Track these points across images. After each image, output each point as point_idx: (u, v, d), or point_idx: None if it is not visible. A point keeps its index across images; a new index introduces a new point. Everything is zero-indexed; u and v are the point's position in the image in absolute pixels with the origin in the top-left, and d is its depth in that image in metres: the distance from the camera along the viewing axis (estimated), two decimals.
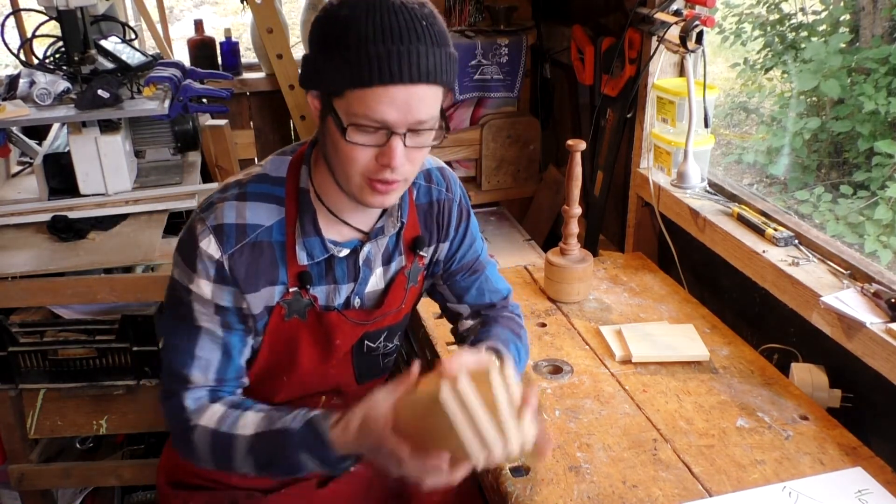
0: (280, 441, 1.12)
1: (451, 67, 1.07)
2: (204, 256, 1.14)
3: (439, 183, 1.32)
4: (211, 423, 1.17)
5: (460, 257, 1.37)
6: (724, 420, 1.36)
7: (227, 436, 1.15)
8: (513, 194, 2.76)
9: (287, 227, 1.17)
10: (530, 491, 1.20)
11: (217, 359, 1.20)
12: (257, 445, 1.14)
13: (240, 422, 1.16)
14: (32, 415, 1.99)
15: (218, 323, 1.18)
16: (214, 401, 1.20)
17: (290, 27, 2.96)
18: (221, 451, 1.16)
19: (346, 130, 1.04)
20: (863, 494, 1.19)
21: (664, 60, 1.93)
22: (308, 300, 1.21)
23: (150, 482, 2.12)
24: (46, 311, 1.95)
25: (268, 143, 2.96)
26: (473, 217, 1.39)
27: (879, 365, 1.32)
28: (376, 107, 1.01)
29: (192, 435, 1.17)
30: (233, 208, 1.15)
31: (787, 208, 2.00)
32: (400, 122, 1.03)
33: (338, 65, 1.02)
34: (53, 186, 2.04)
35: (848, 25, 3.35)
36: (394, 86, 1.01)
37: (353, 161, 1.07)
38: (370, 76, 1.00)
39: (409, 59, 1.00)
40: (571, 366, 1.52)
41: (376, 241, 1.24)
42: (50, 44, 2.13)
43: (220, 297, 1.16)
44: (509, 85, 2.58)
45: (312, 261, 1.19)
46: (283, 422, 1.13)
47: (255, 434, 1.14)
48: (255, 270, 1.16)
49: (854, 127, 3.11)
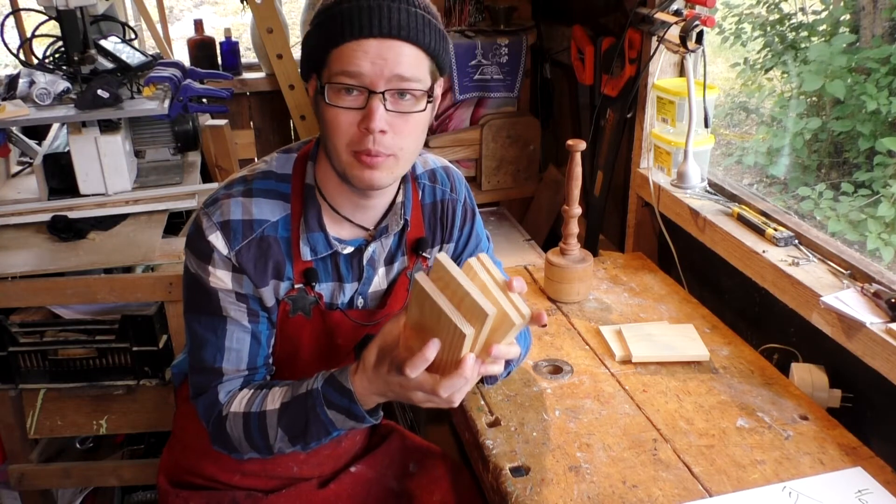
0: (306, 404, 1.12)
1: (434, 34, 1.06)
2: (214, 249, 1.14)
3: (444, 183, 1.32)
4: (241, 407, 1.17)
5: (465, 258, 1.35)
6: (724, 420, 1.36)
7: (257, 415, 1.16)
8: (513, 194, 2.76)
9: (292, 222, 1.17)
10: (530, 491, 1.20)
11: (246, 348, 1.20)
12: (286, 415, 1.14)
13: (267, 399, 1.16)
14: (32, 415, 1.99)
15: (244, 311, 1.18)
16: (245, 385, 1.21)
17: (290, 27, 2.97)
18: (256, 431, 1.16)
19: (325, 90, 1.05)
20: (863, 494, 1.19)
21: (664, 60, 1.93)
22: (314, 297, 1.21)
23: (150, 482, 2.12)
24: (46, 311, 1.95)
25: (268, 143, 2.96)
26: (479, 218, 1.38)
27: (879, 365, 1.32)
28: (351, 60, 1.02)
29: (225, 424, 1.18)
30: (239, 205, 1.15)
31: (787, 207, 2.01)
32: (376, 78, 1.03)
33: (317, 33, 1.06)
34: (53, 186, 2.04)
35: (848, 25, 3.35)
36: (365, 39, 1.02)
37: (336, 129, 1.06)
38: (342, 31, 1.02)
39: (381, 13, 1.02)
40: (571, 366, 1.52)
41: (381, 241, 1.24)
42: (50, 44, 2.13)
43: (239, 286, 1.17)
44: (509, 85, 2.58)
45: (316, 256, 1.19)
46: (305, 385, 1.14)
47: (282, 405, 1.14)
48: (262, 265, 1.16)
49: (854, 127, 3.11)
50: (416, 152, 1.14)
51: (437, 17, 1.08)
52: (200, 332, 1.19)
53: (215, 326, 1.18)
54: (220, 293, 1.17)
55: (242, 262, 1.15)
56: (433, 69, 1.09)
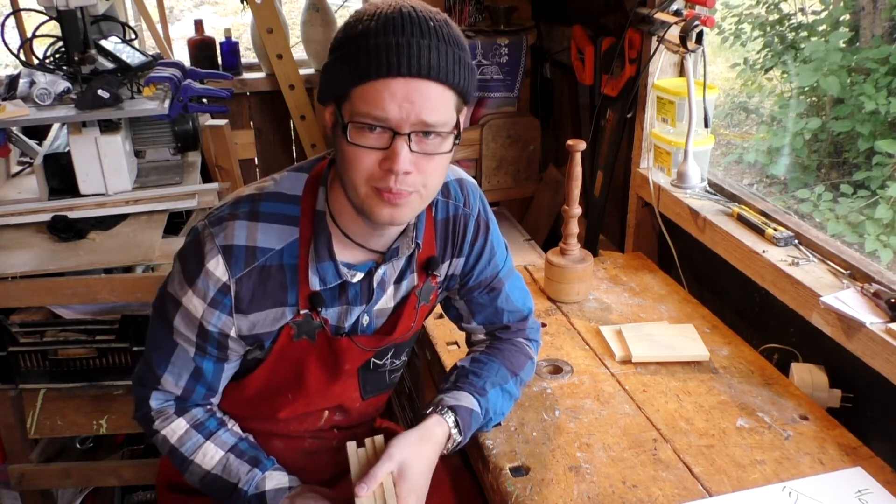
0: (229, 493, 1.18)
1: (463, 71, 1.01)
2: (210, 277, 1.11)
3: (457, 198, 1.26)
4: (172, 438, 1.22)
5: (477, 274, 1.32)
6: (724, 420, 1.36)
7: (183, 458, 1.21)
8: (513, 194, 2.75)
9: (300, 248, 1.14)
10: (530, 491, 1.20)
11: (186, 376, 1.20)
12: (209, 482, 1.20)
13: (199, 451, 1.20)
14: (32, 415, 1.99)
15: (193, 346, 1.17)
16: (180, 412, 1.23)
17: (290, 27, 2.97)
18: (177, 462, 1.22)
19: (348, 129, 0.99)
20: (863, 494, 1.19)
21: (664, 60, 1.93)
22: (319, 323, 1.18)
23: (150, 482, 2.12)
24: (46, 311, 1.95)
25: (268, 143, 2.96)
26: (495, 231, 1.33)
27: (879, 365, 1.32)
28: (375, 102, 0.97)
29: (154, 436, 1.24)
30: (244, 228, 1.11)
31: (787, 208, 2.01)
32: (402, 121, 0.98)
33: (341, 65, 1.00)
34: (53, 186, 2.04)
35: (848, 25, 3.35)
36: (393, 79, 0.96)
37: (357, 166, 1.01)
38: (368, 68, 0.96)
39: (409, 51, 0.96)
40: (571, 366, 1.52)
41: (391, 263, 1.21)
42: (50, 44, 2.13)
43: (209, 321, 1.14)
44: (509, 85, 2.58)
45: (325, 286, 1.16)
46: (238, 475, 1.18)
47: (208, 474, 1.20)
48: (262, 293, 1.14)
49: (854, 127, 3.11)
50: (438, 187, 1.09)
51: (466, 48, 1.03)
52: (155, 335, 1.21)
53: (165, 342, 1.19)
54: (180, 319, 1.15)
55: (240, 290, 1.12)
56: (459, 104, 1.04)
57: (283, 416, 1.30)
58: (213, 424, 1.24)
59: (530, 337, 1.40)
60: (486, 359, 1.33)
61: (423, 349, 1.70)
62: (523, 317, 1.39)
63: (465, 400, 1.25)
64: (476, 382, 1.28)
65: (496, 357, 1.33)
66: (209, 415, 1.25)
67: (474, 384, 1.27)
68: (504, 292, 1.35)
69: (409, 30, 0.97)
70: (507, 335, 1.38)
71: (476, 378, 1.28)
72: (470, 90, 1.04)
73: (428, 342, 1.65)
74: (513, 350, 1.36)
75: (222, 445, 1.21)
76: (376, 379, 1.34)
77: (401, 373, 1.41)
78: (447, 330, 1.63)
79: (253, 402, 1.28)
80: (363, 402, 1.35)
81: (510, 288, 1.36)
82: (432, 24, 0.99)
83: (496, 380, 1.30)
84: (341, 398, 1.32)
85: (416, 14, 0.99)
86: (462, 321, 1.40)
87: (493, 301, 1.35)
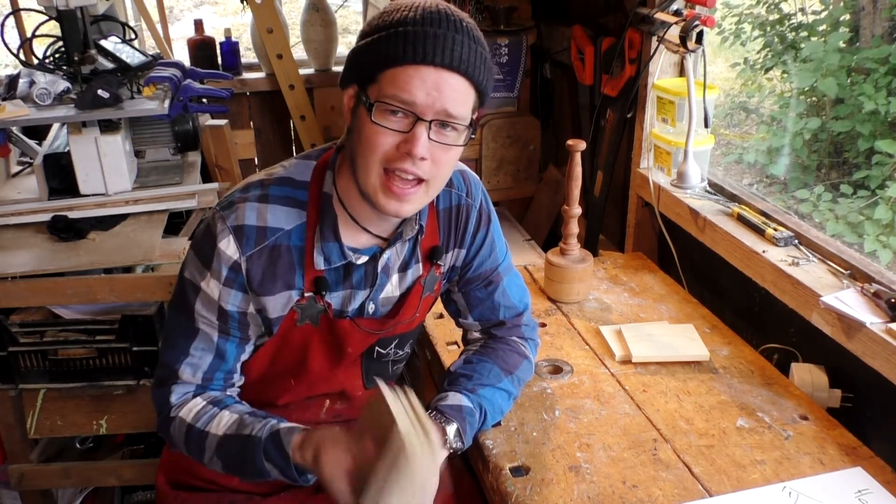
0: (246, 446, 1.16)
1: (487, 72, 1.08)
2: (221, 257, 1.14)
3: (459, 188, 1.30)
4: (188, 417, 1.21)
5: (477, 265, 1.34)
6: (724, 420, 1.36)
7: (199, 432, 1.19)
8: (513, 194, 2.75)
9: (307, 231, 1.17)
10: (530, 491, 1.20)
11: (208, 361, 1.21)
12: (225, 447, 1.18)
13: (214, 421, 1.19)
14: (32, 415, 1.99)
15: (216, 328, 1.19)
16: (197, 396, 1.23)
17: (290, 27, 2.97)
18: (194, 445, 1.20)
19: (373, 108, 1.04)
20: (863, 494, 1.19)
21: (664, 60, 1.93)
22: (322, 306, 1.21)
23: (150, 482, 2.12)
24: (46, 311, 1.95)
25: (268, 143, 2.96)
26: (496, 224, 1.36)
27: (879, 365, 1.32)
28: (406, 86, 1.03)
29: (171, 425, 1.22)
30: (254, 209, 1.15)
31: (787, 208, 2.01)
32: (427, 108, 1.04)
33: (374, 48, 1.05)
34: (53, 186, 2.04)
35: (848, 25, 3.36)
36: (425, 67, 1.02)
37: (375, 146, 1.06)
38: (403, 54, 1.02)
39: (444, 44, 1.02)
40: (571, 366, 1.52)
41: (395, 247, 1.23)
42: (50, 44, 2.12)
43: (227, 301, 1.17)
44: (509, 85, 2.58)
45: (330, 266, 1.18)
46: (251, 428, 1.17)
47: (224, 435, 1.18)
48: (271, 274, 1.16)
49: (854, 127, 3.11)
50: (444, 182, 1.15)
51: (488, 50, 1.09)
52: (173, 331, 1.22)
53: (186, 332, 1.20)
54: (201, 304, 1.18)
55: (251, 269, 1.15)
56: (476, 104, 1.10)
57: (284, 401, 1.31)
58: (229, 401, 1.24)
59: (526, 336, 1.41)
60: (478, 359, 1.34)
61: (423, 349, 1.70)
62: (518, 312, 1.40)
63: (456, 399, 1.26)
64: (466, 385, 1.29)
65: (489, 357, 1.34)
66: (226, 395, 1.26)
67: (465, 385, 1.29)
68: (502, 286, 1.37)
69: (446, 24, 1.04)
70: (502, 332, 1.38)
71: (467, 381, 1.29)
72: (488, 91, 1.11)
73: (428, 342, 1.65)
74: (506, 349, 1.36)
75: (236, 412, 1.21)
76: (379, 368, 1.36)
77: (403, 364, 1.42)
78: (447, 330, 1.63)
79: (254, 386, 1.29)
80: (365, 391, 1.36)
81: (508, 283, 1.38)
82: (465, 23, 1.06)
83: (488, 380, 1.30)
84: (344, 384, 1.33)
85: (451, 12, 1.06)
86: (459, 316, 1.41)
87: (490, 295, 1.36)
